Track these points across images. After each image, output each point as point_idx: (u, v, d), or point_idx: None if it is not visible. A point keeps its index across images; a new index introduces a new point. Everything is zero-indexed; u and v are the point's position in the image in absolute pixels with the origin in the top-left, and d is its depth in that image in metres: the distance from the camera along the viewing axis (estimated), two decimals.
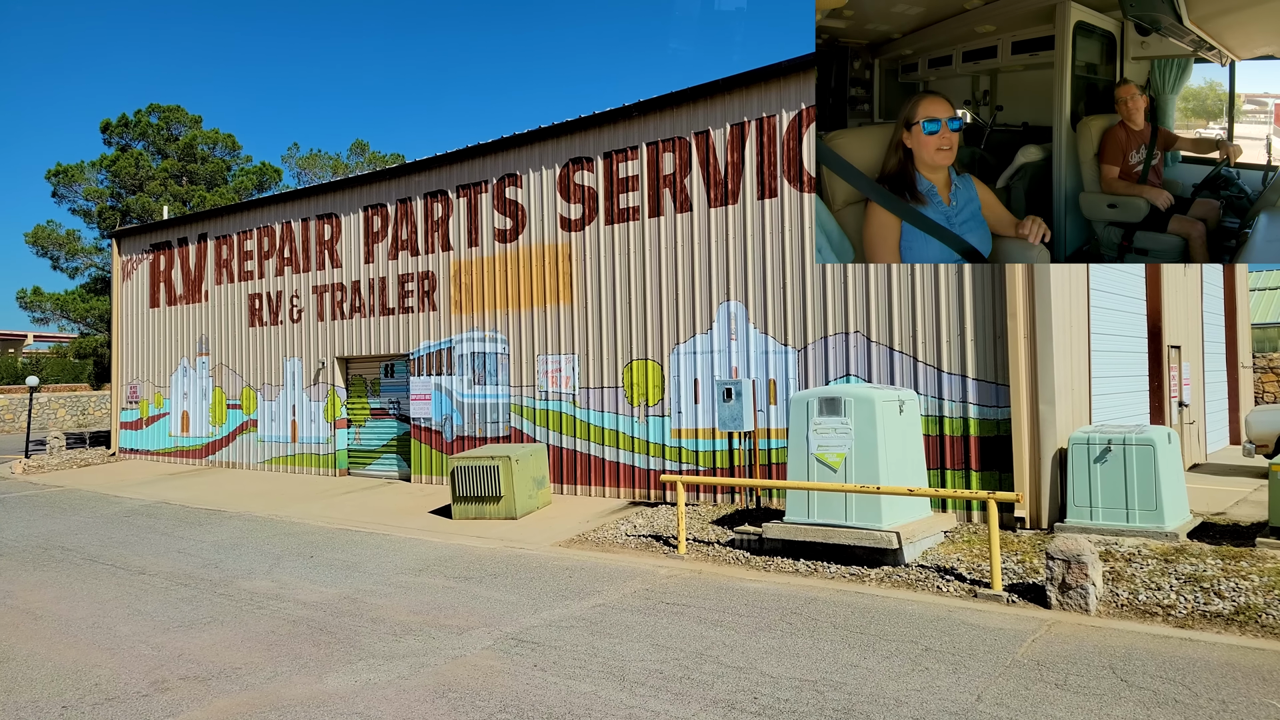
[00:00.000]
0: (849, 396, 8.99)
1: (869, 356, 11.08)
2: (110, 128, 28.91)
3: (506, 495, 12.20)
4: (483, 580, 9.02)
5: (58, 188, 28.18)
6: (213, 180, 28.54)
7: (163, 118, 29.19)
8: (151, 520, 13.54)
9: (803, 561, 9.00)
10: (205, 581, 9.41)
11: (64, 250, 28.01)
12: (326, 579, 9.34)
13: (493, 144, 14.79)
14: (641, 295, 13.05)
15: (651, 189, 12.99)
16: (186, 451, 20.54)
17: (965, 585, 7.94)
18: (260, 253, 19.03)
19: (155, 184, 26.82)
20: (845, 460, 8.94)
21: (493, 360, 14.86)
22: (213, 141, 29.31)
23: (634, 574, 9.00)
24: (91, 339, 28.32)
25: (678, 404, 12.69)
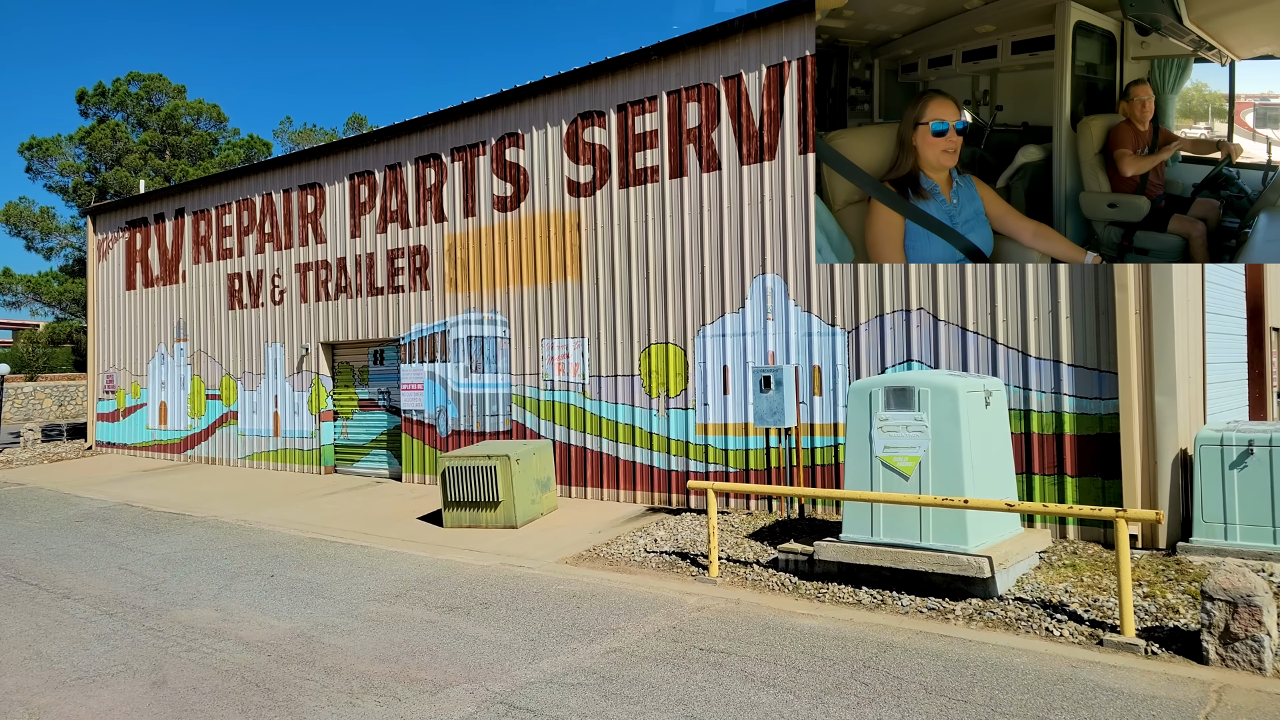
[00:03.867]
0: (924, 386, 7.22)
1: (935, 338, 9.28)
2: (86, 97, 27.04)
3: (505, 500, 10.51)
4: (471, 611, 7.34)
5: (32, 162, 26.35)
6: (197, 154, 26.68)
7: (143, 87, 27.22)
8: (104, 527, 11.93)
9: (865, 590, 7.27)
10: (136, 610, 7.78)
11: (38, 229, 26.22)
12: (282, 607, 7.69)
13: (491, 99, 13.02)
14: (661, 269, 11.29)
15: (673, 145, 11.21)
16: (164, 446, 18.95)
17: (1084, 628, 6.20)
18: (240, 228, 17.37)
19: (134, 157, 25.01)
20: (920, 465, 7.18)
21: (492, 345, 13.15)
22: (197, 113, 27.39)
23: (657, 604, 7.30)
24: (66, 324, 26.65)
25: (704, 395, 10.94)
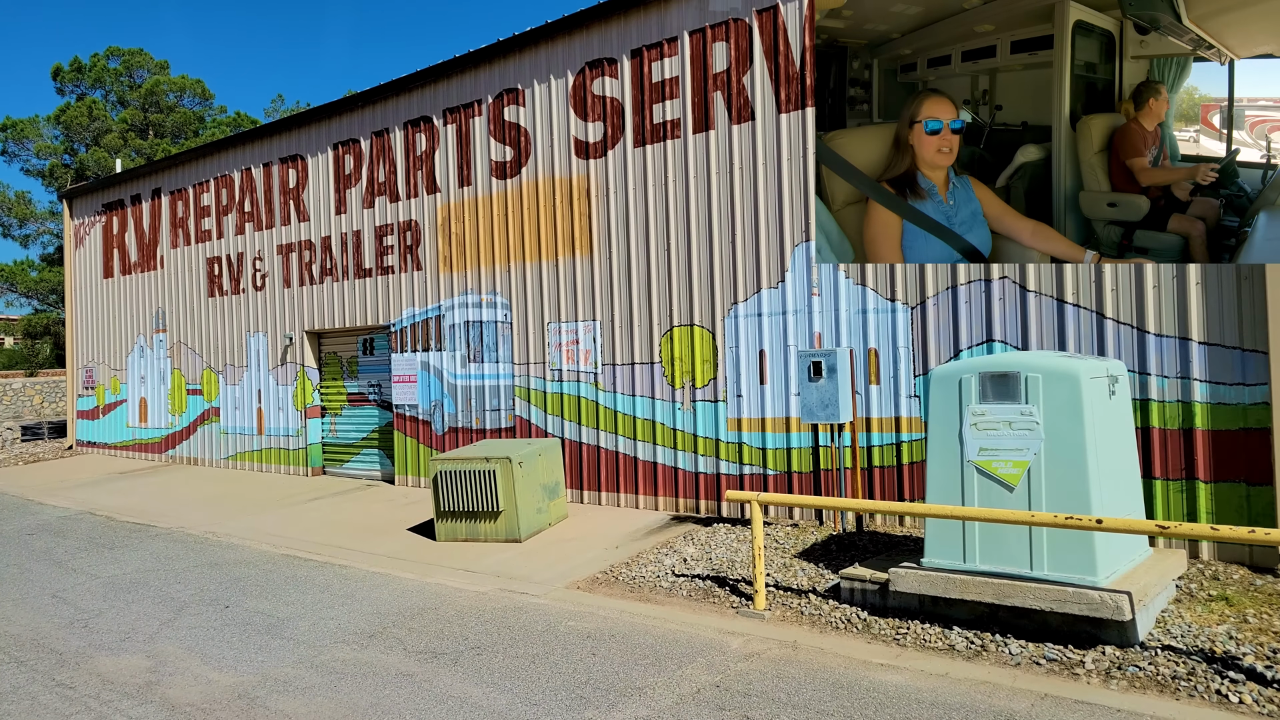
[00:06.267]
0: (1034, 370, 5.64)
1: (1023, 312, 7.68)
2: (62, 73, 25.55)
3: (507, 509, 9.02)
4: (460, 659, 5.85)
5: (7, 144, 24.98)
6: (180, 133, 25.21)
7: (124, 62, 25.66)
8: (56, 540, 10.52)
9: (959, 632, 5.72)
10: (52, 657, 6.33)
11: (14, 215, 24.83)
12: (229, 651, 6.23)
13: (487, 50, 11.45)
14: (685, 239, 9.73)
15: (697, 94, 9.61)
16: (145, 445, 17.55)
17: (1270, 692, 4.64)
18: (219, 208, 15.88)
19: (113, 137, 23.52)
20: (1028, 472, 5.62)
21: (491, 331, 11.63)
22: (180, 89, 25.85)
23: (693, 649, 5.78)
24: (44, 316, 25.25)
25: (736, 385, 9.38)
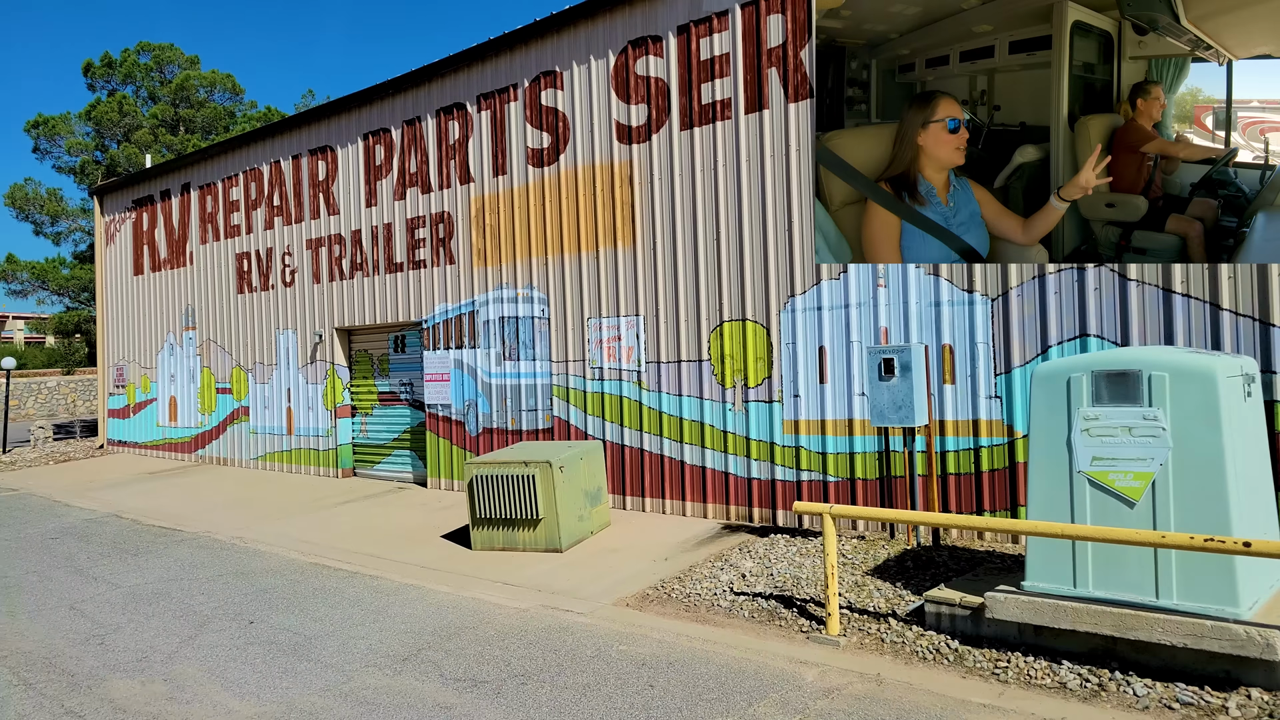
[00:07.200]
0: (1159, 369, 4.91)
1: (1123, 304, 6.92)
2: (93, 69, 25.41)
3: (547, 517, 8.43)
4: (502, 689, 5.26)
5: (39, 141, 24.93)
6: (210, 128, 24.97)
7: (154, 58, 25.50)
8: (80, 545, 10.13)
9: (1069, 667, 5.01)
10: (64, 679, 5.85)
11: (46, 213, 24.73)
12: (252, 675, 5.71)
13: (523, 31, 10.86)
14: (736, 228, 9.07)
15: (750, 71, 8.94)
16: (175, 445, 17.26)
17: None
18: (248, 202, 15.49)
19: (144, 133, 23.32)
20: (1153, 485, 4.89)
21: (528, 327, 11.05)
22: (210, 84, 25.62)
23: (762, 682, 5.14)
24: (75, 314, 25.13)
25: (793, 384, 8.71)
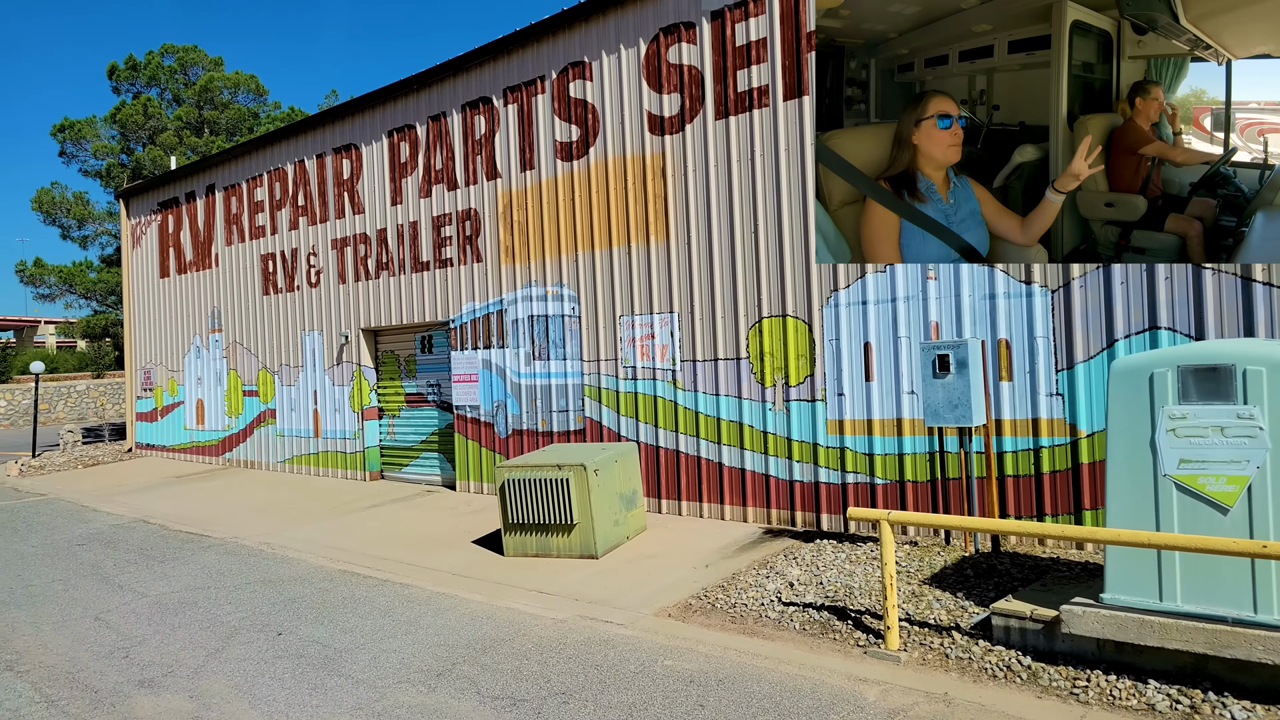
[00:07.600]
0: (1255, 362, 4.52)
1: (1197, 293, 6.50)
2: (117, 72, 25.55)
3: (582, 522, 8.14)
4: (542, 710, 4.97)
5: (65, 145, 25.07)
6: (235, 130, 25.00)
7: (178, 59, 25.61)
8: (107, 551, 9.98)
9: (1156, 687, 4.62)
10: (87, 694, 5.64)
11: (73, 217, 24.86)
12: (281, 692, 5.46)
13: (550, 21, 10.57)
14: (775, 220, 8.71)
15: (789, 56, 8.58)
16: (202, 448, 17.19)
17: None
18: (272, 202, 15.35)
19: (169, 135, 23.39)
20: (1248, 490, 4.49)
21: (558, 325, 10.77)
22: (234, 85, 25.67)
23: (819, 700, 4.80)
24: (103, 317, 25.24)
25: (837, 382, 8.34)
